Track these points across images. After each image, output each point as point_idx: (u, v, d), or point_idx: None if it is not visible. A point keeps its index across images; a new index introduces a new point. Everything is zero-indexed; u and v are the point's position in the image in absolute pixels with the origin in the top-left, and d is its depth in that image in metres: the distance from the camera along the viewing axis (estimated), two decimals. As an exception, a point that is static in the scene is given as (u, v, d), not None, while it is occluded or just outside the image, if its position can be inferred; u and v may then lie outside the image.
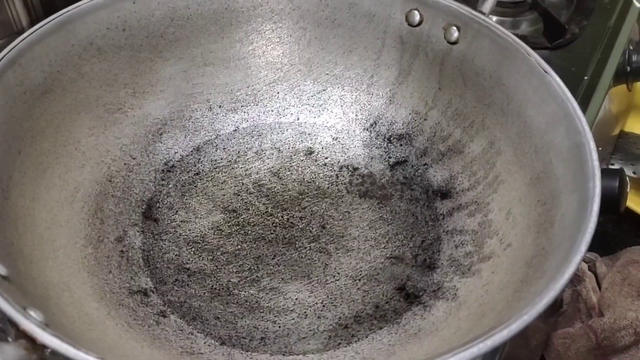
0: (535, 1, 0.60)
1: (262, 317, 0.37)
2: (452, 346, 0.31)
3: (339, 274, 0.40)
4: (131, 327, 0.34)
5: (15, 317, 0.25)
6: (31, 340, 0.24)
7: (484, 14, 0.43)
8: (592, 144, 0.34)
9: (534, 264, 0.33)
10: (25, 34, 0.38)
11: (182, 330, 0.36)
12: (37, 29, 0.39)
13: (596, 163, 0.33)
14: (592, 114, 0.56)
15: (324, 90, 0.51)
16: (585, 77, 0.59)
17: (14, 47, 0.37)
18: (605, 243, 0.62)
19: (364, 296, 0.39)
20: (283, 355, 0.35)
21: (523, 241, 0.36)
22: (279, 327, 0.37)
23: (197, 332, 0.36)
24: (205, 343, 0.36)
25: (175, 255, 0.41)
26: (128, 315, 0.35)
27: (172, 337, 0.35)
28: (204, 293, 0.39)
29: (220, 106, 0.49)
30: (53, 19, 0.40)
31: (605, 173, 0.32)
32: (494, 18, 0.60)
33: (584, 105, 0.56)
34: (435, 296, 0.38)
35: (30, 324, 0.24)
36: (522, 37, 0.44)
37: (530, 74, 0.40)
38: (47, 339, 0.24)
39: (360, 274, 0.40)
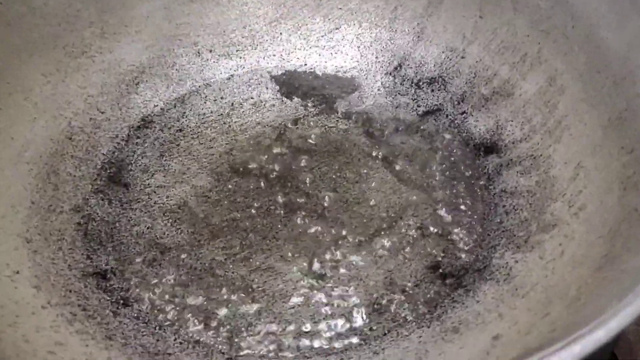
0: None
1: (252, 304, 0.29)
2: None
3: (353, 250, 0.31)
4: (77, 320, 0.26)
5: None
6: None
7: None
8: None
9: (623, 231, 0.24)
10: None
11: (146, 324, 0.28)
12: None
13: None
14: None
15: (337, 28, 0.42)
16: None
17: None
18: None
19: (386, 279, 0.30)
20: (277, 357, 0.27)
21: (602, 202, 0.27)
22: (274, 317, 0.28)
23: (167, 326, 0.28)
24: (175, 340, 0.27)
25: (147, 227, 0.32)
26: (76, 305, 0.27)
27: (130, 333, 0.27)
28: (180, 275, 0.30)
29: (210, 50, 0.41)
30: None
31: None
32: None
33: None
34: (481, 277, 0.29)
35: None
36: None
37: (605, -18, 0.30)
38: None
39: (382, 250, 0.31)
